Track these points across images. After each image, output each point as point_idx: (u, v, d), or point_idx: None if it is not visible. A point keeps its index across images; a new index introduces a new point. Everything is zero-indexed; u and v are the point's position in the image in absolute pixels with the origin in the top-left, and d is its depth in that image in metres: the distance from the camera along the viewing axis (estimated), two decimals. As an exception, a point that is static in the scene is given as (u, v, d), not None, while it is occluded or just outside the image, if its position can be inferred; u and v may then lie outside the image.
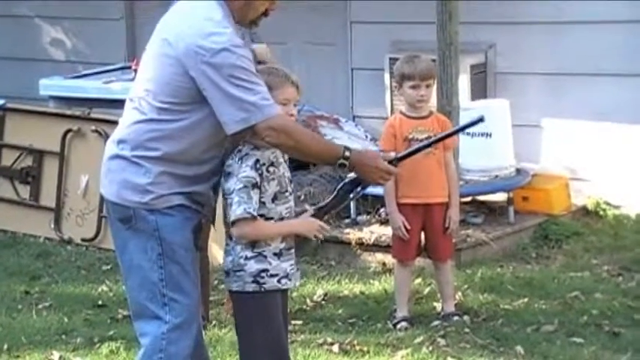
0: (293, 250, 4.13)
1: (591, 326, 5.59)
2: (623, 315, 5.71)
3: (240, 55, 3.91)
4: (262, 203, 4.05)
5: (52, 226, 7.71)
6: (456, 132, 5.35)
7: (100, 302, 6.33)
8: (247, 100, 3.89)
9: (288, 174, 4.14)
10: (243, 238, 4.04)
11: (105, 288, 6.58)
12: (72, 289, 6.63)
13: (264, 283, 4.05)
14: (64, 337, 5.79)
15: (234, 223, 4.01)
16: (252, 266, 4.05)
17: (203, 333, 4.43)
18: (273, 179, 4.05)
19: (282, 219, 4.08)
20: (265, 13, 4.15)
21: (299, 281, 4.31)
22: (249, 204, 3.99)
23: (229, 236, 4.10)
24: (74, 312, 6.17)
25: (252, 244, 4.05)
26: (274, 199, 4.06)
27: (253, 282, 4.05)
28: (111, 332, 5.77)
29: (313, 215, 4.17)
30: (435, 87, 5.93)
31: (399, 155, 4.24)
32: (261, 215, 4.04)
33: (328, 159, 4.06)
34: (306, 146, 4.01)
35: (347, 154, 4.00)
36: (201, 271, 5.46)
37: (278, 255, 4.07)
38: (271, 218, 4.06)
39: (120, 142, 4.09)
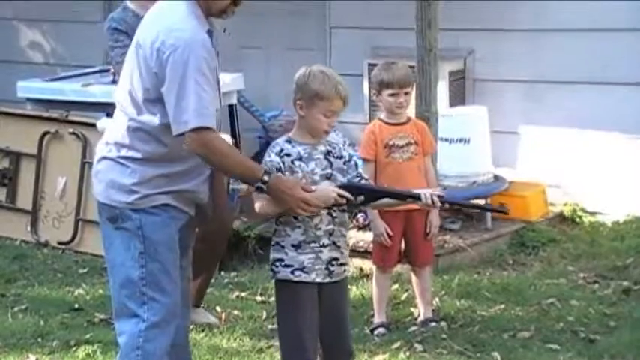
0: (318, 245, 4.19)
1: (567, 333, 5.61)
2: (598, 322, 5.74)
3: (197, 56, 3.98)
4: None
5: (29, 228, 7.69)
6: (470, 207, 6.02)
7: (76, 305, 6.31)
8: (191, 106, 3.96)
9: (323, 171, 4.20)
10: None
11: (81, 291, 6.57)
12: (48, 292, 6.61)
13: (277, 272, 4.23)
14: (40, 340, 5.78)
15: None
16: (272, 254, 4.24)
17: (187, 334, 4.48)
18: (297, 172, 4.17)
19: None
20: (235, 3, 4.16)
21: (325, 277, 4.25)
22: None
23: None
24: (50, 315, 6.15)
25: (274, 232, 4.24)
26: None
27: (270, 269, 4.25)
28: (87, 335, 5.75)
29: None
30: (413, 93, 5.94)
31: (362, 200, 4.21)
32: None
33: (248, 180, 4.17)
34: (224, 166, 4.13)
35: (266, 178, 4.07)
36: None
37: (296, 246, 4.20)
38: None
39: (107, 143, 4.19)
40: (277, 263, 4.23)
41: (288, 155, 4.19)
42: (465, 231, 7.01)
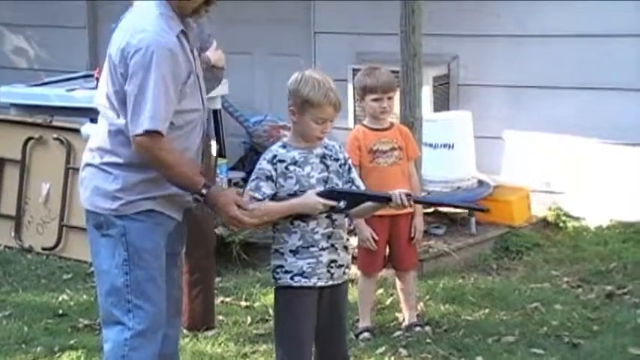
0: (317, 249, 4.19)
1: (551, 337, 5.63)
2: (582, 326, 5.75)
3: (159, 58, 3.96)
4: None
5: (13, 234, 7.66)
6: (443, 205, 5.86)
7: (60, 311, 6.29)
8: (148, 108, 3.95)
9: (320, 174, 4.20)
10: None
11: (65, 297, 6.55)
12: (32, 298, 6.58)
13: (279, 279, 4.23)
14: (24, 346, 5.76)
15: None
16: (272, 262, 4.25)
17: (177, 344, 4.47)
18: (292, 177, 4.17)
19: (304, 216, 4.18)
20: (207, 2, 4.14)
21: (327, 281, 4.23)
22: (254, 191, 4.15)
23: None
24: (34, 321, 6.13)
25: (273, 239, 4.23)
26: (293, 195, 4.16)
27: (272, 277, 4.25)
28: (71, 341, 5.74)
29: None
30: (396, 98, 5.94)
31: (346, 205, 4.22)
32: None
33: (188, 190, 4.16)
34: (166, 173, 4.07)
35: (204, 191, 4.09)
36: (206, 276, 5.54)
37: (294, 252, 4.19)
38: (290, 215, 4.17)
39: (91, 149, 4.19)
40: (278, 270, 4.22)
41: (281, 161, 4.18)
42: (449, 236, 7.02)
